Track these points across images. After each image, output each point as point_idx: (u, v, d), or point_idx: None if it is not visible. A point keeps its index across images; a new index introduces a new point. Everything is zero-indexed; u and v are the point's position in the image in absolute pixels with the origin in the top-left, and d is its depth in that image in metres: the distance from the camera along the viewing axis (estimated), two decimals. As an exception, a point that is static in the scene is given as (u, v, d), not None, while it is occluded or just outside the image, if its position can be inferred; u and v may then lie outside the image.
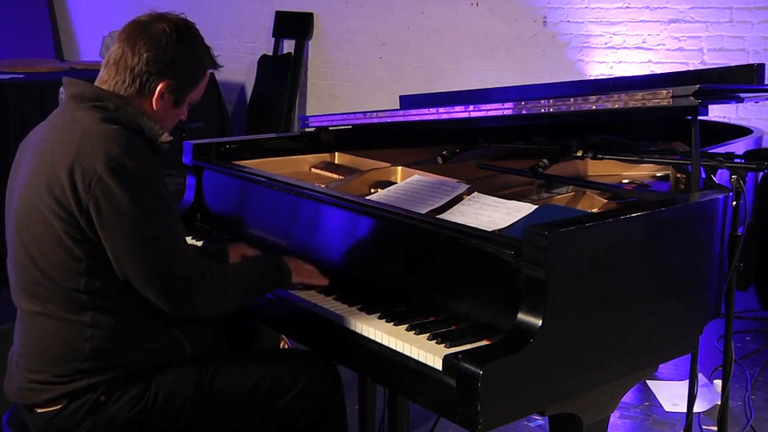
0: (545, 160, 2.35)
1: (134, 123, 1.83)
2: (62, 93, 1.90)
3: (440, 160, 2.58)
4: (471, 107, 2.34)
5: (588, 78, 4.80)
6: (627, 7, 4.76)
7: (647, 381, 3.42)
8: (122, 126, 1.80)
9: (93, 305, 1.78)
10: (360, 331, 1.82)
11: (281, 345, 3.12)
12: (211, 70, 1.99)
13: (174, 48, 1.86)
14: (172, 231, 1.80)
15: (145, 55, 1.83)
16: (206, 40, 1.96)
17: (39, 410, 1.83)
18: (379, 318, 1.83)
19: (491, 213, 2.06)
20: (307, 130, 2.87)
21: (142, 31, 1.85)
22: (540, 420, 3.11)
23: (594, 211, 2.19)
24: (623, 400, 2.05)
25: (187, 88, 1.92)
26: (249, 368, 1.93)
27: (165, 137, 1.88)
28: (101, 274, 1.77)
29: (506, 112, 2.24)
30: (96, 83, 1.89)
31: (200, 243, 2.41)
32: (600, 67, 4.90)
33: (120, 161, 1.72)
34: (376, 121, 2.63)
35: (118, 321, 1.80)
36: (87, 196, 1.71)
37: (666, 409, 3.26)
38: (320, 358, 2.00)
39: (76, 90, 1.86)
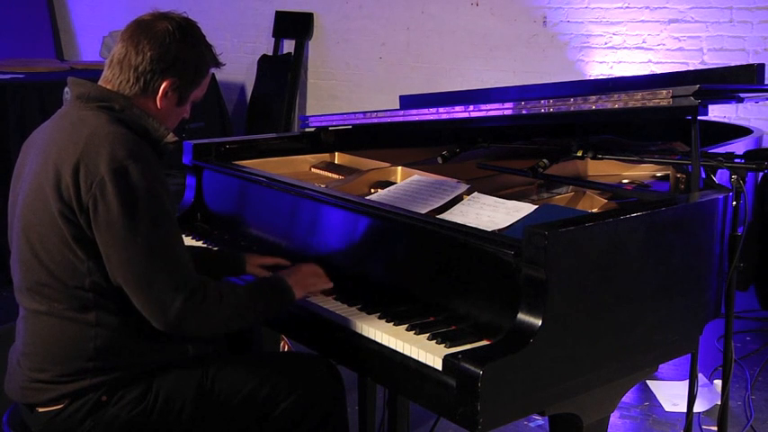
0: (545, 160, 2.35)
1: (139, 125, 1.84)
2: (67, 93, 1.91)
3: (440, 160, 2.58)
4: (471, 107, 2.34)
5: (588, 78, 4.80)
6: (627, 7, 4.77)
7: (647, 381, 3.42)
8: (129, 128, 1.80)
9: (97, 304, 1.78)
10: (360, 331, 1.81)
11: (282, 345, 3.12)
12: (214, 68, 1.99)
13: (177, 46, 1.86)
14: (166, 241, 1.76)
15: (149, 54, 1.84)
16: (207, 39, 1.97)
17: (40, 410, 1.83)
18: (379, 318, 1.83)
19: (491, 213, 2.06)
20: (307, 130, 2.87)
21: (145, 30, 1.86)
22: (540, 420, 3.11)
23: (594, 211, 2.19)
24: (623, 400, 2.05)
25: (191, 86, 1.92)
26: (249, 372, 1.93)
27: (171, 137, 1.88)
28: (104, 274, 1.77)
29: (506, 112, 2.25)
30: (100, 82, 1.89)
31: (200, 243, 2.42)
32: (600, 67, 4.90)
33: (124, 164, 1.72)
34: (376, 121, 2.63)
35: (122, 321, 1.80)
36: (87, 196, 1.72)
37: (666, 409, 3.26)
38: (323, 363, 1.99)
39: (82, 90, 1.86)
